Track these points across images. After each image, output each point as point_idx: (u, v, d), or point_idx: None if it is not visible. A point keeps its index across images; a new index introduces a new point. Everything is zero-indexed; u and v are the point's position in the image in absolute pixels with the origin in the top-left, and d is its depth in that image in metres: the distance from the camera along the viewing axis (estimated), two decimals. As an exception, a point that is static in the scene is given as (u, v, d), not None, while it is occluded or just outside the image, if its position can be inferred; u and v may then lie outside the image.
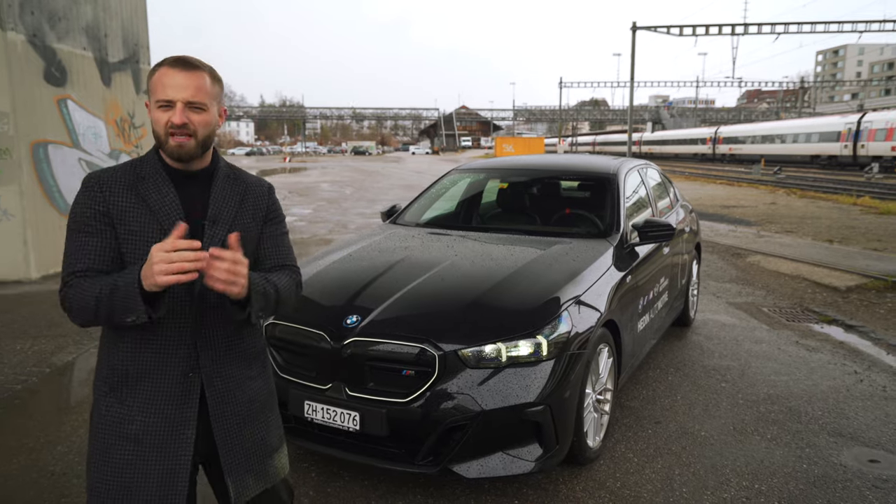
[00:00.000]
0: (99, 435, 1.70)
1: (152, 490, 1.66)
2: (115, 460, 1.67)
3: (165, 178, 1.70)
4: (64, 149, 8.16)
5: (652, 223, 4.02)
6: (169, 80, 1.63)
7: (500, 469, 2.80)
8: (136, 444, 1.66)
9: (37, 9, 7.79)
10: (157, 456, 1.67)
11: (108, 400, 1.69)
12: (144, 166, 1.71)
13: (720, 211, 15.86)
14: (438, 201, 4.87)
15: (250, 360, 1.83)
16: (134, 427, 1.66)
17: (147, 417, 1.66)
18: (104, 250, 1.63)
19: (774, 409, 4.08)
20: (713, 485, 3.17)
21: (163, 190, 1.68)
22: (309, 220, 13.81)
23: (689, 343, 5.40)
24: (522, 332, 2.87)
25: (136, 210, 1.65)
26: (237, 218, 1.77)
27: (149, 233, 1.65)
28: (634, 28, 36.19)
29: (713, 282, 7.74)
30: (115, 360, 1.68)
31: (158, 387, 1.67)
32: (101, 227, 1.64)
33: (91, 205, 1.64)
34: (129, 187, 1.67)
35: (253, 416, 1.81)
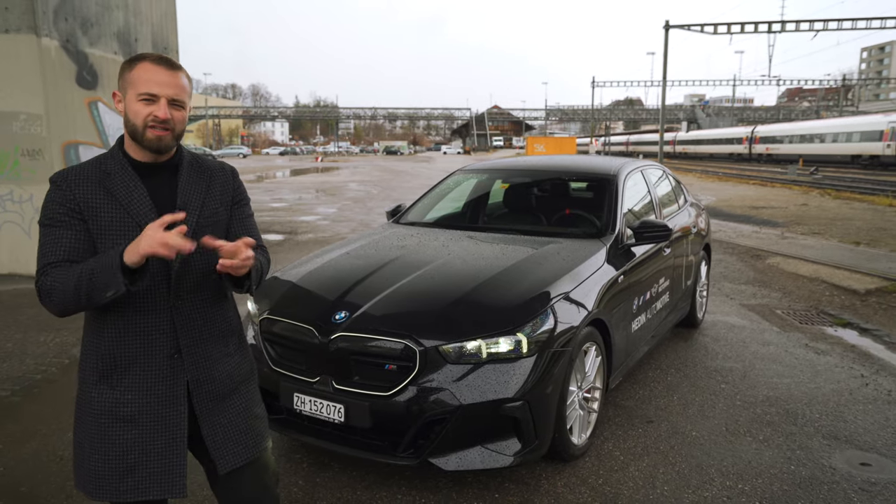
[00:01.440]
0: (91, 421, 1.78)
1: (154, 466, 1.76)
2: (114, 443, 1.75)
3: (131, 173, 1.76)
4: (94, 149, 8.46)
5: (648, 224, 4.05)
6: (154, 76, 1.70)
7: (479, 462, 2.88)
8: (132, 425, 1.75)
9: (70, 15, 8.11)
10: (155, 434, 1.76)
11: (100, 387, 1.77)
12: (109, 162, 1.77)
13: (748, 212, 15.61)
14: (442, 201, 4.96)
15: (227, 337, 1.93)
16: (129, 409, 1.75)
17: (141, 398, 1.75)
18: (78, 242, 1.70)
19: (771, 411, 4.07)
20: (696, 483, 3.20)
21: (130, 184, 1.75)
22: (332, 220, 14.03)
23: (694, 344, 5.39)
24: (503, 329, 2.94)
25: (107, 206, 1.72)
26: (205, 204, 1.85)
27: (121, 226, 1.72)
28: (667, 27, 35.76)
29: (728, 283, 7.67)
30: (102, 349, 1.77)
31: (147, 370, 1.76)
32: (73, 222, 1.70)
33: (62, 202, 1.71)
34: (97, 183, 1.73)
35: (233, 390, 1.91)
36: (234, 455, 1.89)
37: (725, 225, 12.95)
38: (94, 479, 1.78)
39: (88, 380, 1.80)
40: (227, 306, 1.95)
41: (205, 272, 1.83)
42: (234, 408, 1.91)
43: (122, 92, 1.75)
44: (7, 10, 7.53)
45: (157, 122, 1.71)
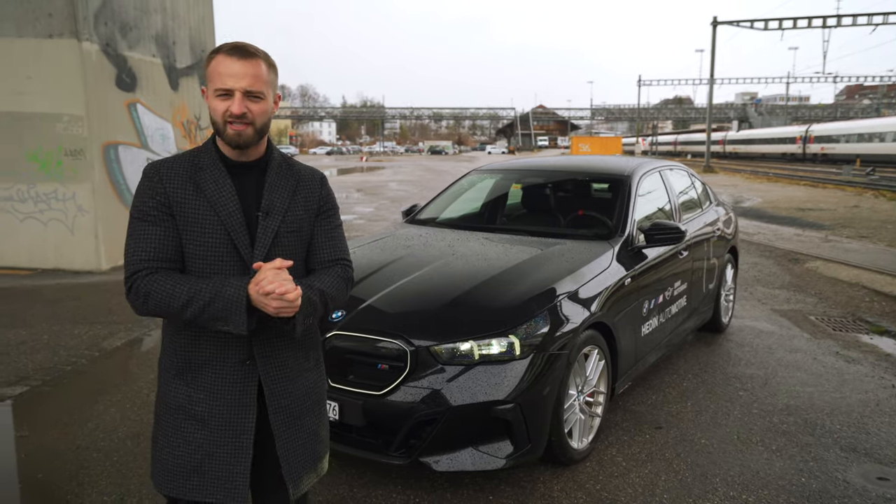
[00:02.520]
0: (169, 416, 1.76)
1: (219, 470, 1.73)
2: (185, 440, 1.74)
3: (222, 169, 1.73)
4: (133, 149, 8.76)
5: (659, 226, 3.97)
6: (226, 69, 1.63)
7: (470, 464, 2.87)
8: (202, 425, 1.73)
9: (110, 20, 8.41)
10: (223, 438, 1.73)
11: (176, 383, 1.75)
12: (202, 156, 1.74)
13: (793, 214, 15.11)
14: (456, 201, 4.95)
15: (307, 351, 1.86)
16: (200, 408, 1.73)
17: (211, 401, 1.72)
18: (166, 239, 1.67)
19: (789, 420, 3.94)
20: (698, 493, 3.11)
21: (220, 180, 1.71)
22: (368, 219, 14.17)
23: (716, 349, 5.25)
24: (495, 330, 2.93)
25: (194, 200, 1.69)
26: (290, 209, 1.79)
27: (206, 222, 1.68)
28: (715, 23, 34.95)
29: (762, 287, 7.44)
30: (178, 347, 1.75)
31: (219, 373, 1.73)
32: (163, 217, 1.67)
33: (152, 195, 1.68)
34: (188, 177, 1.70)
35: (309, 409, 1.84)
36: (305, 480, 1.85)
37: (766, 227, 12.56)
38: (164, 473, 1.77)
39: (166, 375, 1.78)
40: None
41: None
42: (308, 428, 1.85)
43: (207, 88, 1.72)
44: (51, 16, 7.85)
45: (234, 118, 1.65)
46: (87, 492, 3.13)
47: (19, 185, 8.23)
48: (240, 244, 1.71)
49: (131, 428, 3.79)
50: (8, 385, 4.45)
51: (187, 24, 10.04)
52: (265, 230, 1.73)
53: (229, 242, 1.70)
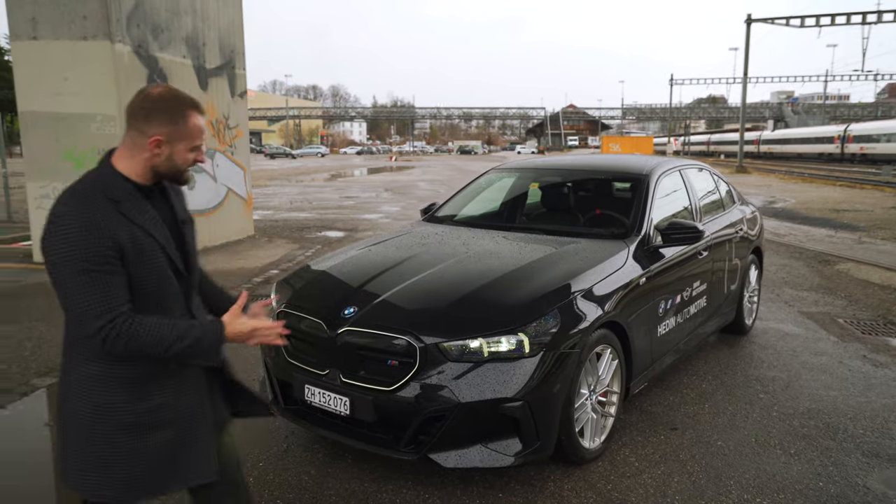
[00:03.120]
0: (137, 431, 1.78)
1: (197, 451, 1.90)
2: (155, 446, 1.81)
3: (140, 198, 1.78)
4: (163, 149, 8.94)
5: (676, 225, 3.92)
6: (202, 126, 1.81)
7: (478, 461, 2.88)
8: (169, 427, 1.83)
9: (142, 22, 8.60)
10: (199, 422, 1.91)
11: (150, 401, 1.80)
12: (114, 190, 1.73)
13: (827, 215, 14.77)
14: (474, 200, 4.96)
15: None
16: (169, 413, 1.82)
17: (181, 396, 1.85)
18: (126, 284, 1.70)
19: (810, 424, 3.86)
20: (710, 495, 3.08)
21: (144, 208, 1.77)
22: (394, 218, 14.25)
23: (738, 351, 5.17)
24: (504, 328, 2.93)
25: (134, 233, 1.72)
26: (187, 211, 1.99)
27: (150, 249, 1.75)
28: (749, 21, 34.33)
29: (789, 289, 7.29)
30: (134, 371, 1.77)
31: (185, 370, 1.87)
32: (117, 261, 1.68)
33: (102, 239, 1.66)
34: (116, 212, 1.71)
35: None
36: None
37: (798, 228, 12.30)
38: (141, 480, 1.84)
39: (124, 399, 1.78)
40: None
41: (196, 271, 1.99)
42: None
43: (169, 141, 1.76)
44: (85, 18, 8.07)
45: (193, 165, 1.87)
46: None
47: (55, 183, 8.46)
48: (175, 259, 1.83)
49: (152, 419, 3.87)
50: (38, 376, 4.59)
51: (217, 25, 10.22)
52: (191, 238, 1.91)
53: (168, 261, 1.81)
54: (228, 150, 10.54)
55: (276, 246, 10.18)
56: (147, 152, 1.76)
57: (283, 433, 3.69)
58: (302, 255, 9.25)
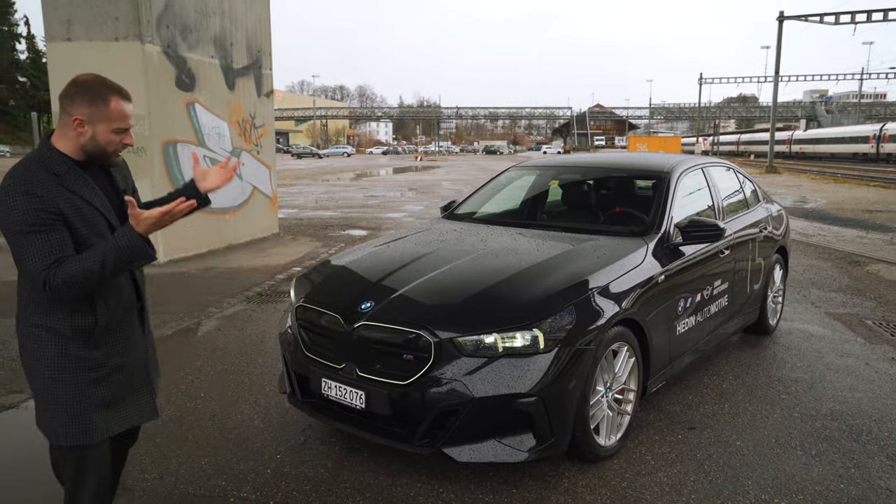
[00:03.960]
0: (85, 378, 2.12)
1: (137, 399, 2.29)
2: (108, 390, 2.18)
3: (79, 171, 2.08)
4: (190, 147, 9.10)
5: (696, 223, 3.89)
6: (125, 110, 2.07)
7: (491, 456, 2.89)
8: (121, 370, 2.21)
9: (171, 23, 8.77)
10: (136, 371, 2.28)
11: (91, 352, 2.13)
12: (53, 165, 2.03)
13: (859, 215, 14.45)
14: (494, 197, 4.97)
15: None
16: (117, 359, 2.19)
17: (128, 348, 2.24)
18: (66, 241, 1.99)
19: (833, 426, 3.80)
20: (727, 494, 3.05)
21: (83, 180, 2.08)
22: (417, 217, 14.31)
23: (761, 352, 5.09)
24: (520, 323, 2.94)
25: (74, 202, 2.02)
26: (129, 184, 2.33)
27: (89, 214, 2.05)
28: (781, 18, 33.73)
29: (816, 290, 7.16)
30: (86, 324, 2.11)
31: (129, 326, 2.26)
32: (57, 224, 1.98)
33: (42, 208, 1.95)
34: (58, 185, 2.01)
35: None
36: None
37: (827, 229, 12.06)
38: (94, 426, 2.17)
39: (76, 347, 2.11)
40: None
41: None
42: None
43: (91, 121, 2.03)
44: (117, 19, 8.25)
45: (123, 147, 2.13)
46: (130, 470, 3.28)
47: (86, 181, 8.67)
48: (113, 221, 2.13)
49: (175, 412, 3.96)
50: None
51: (244, 25, 10.36)
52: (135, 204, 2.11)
53: (107, 225, 2.10)
54: (254, 150, 10.68)
55: (299, 244, 10.29)
56: (72, 131, 2.04)
57: (301, 426, 3.74)
58: (325, 253, 9.34)
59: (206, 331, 5.67)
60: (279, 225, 11.72)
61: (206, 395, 4.22)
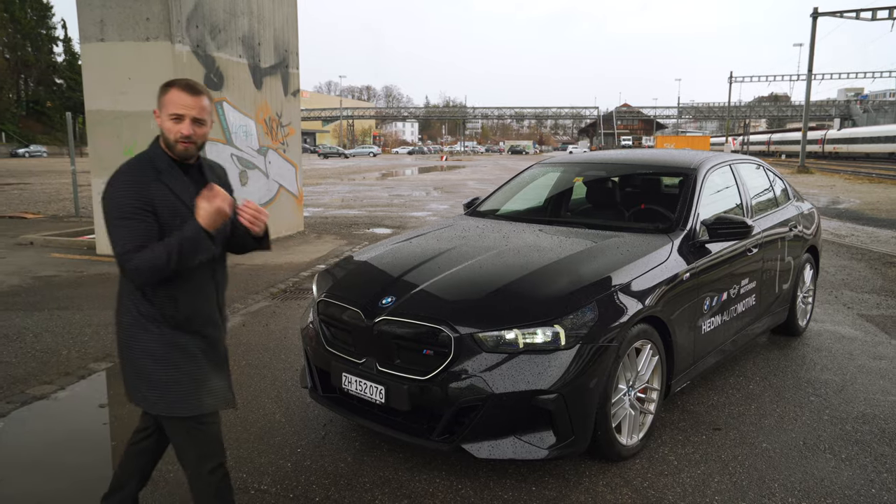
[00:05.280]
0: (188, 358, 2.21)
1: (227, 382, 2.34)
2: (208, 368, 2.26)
3: (178, 169, 2.20)
4: (218, 145, 9.22)
5: (723, 220, 3.82)
6: (180, 100, 2.12)
7: (511, 452, 2.87)
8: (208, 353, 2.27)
9: (201, 23, 8.89)
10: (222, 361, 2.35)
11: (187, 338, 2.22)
12: (157, 161, 2.18)
13: (895, 216, 14.07)
14: (517, 194, 4.94)
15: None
16: (201, 345, 2.25)
17: (209, 342, 2.28)
18: (150, 231, 2.09)
19: (864, 429, 3.70)
20: (752, 496, 2.98)
21: (180, 178, 2.19)
22: (441, 216, 14.31)
23: (790, 353, 4.98)
24: (541, 319, 2.91)
25: (167, 196, 2.14)
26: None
27: (178, 209, 2.14)
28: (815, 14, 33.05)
29: (849, 291, 6.99)
30: (175, 317, 2.20)
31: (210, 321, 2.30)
32: (146, 214, 2.09)
33: (136, 197, 2.09)
34: (156, 179, 2.14)
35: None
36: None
37: (861, 229, 11.77)
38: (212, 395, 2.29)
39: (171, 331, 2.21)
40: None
41: (223, 244, 2.34)
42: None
43: (159, 112, 2.16)
44: (148, 20, 8.39)
45: (183, 138, 2.14)
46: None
47: (116, 179, 8.83)
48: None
49: (199, 404, 3.99)
50: (95, 360, 4.80)
51: (272, 25, 10.47)
52: None
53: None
54: (280, 148, 10.78)
55: (324, 242, 10.36)
56: (159, 127, 2.17)
57: (322, 421, 3.75)
58: (349, 251, 9.38)
59: (231, 326, 5.73)
60: (304, 223, 11.81)
61: (229, 388, 4.26)
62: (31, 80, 71.11)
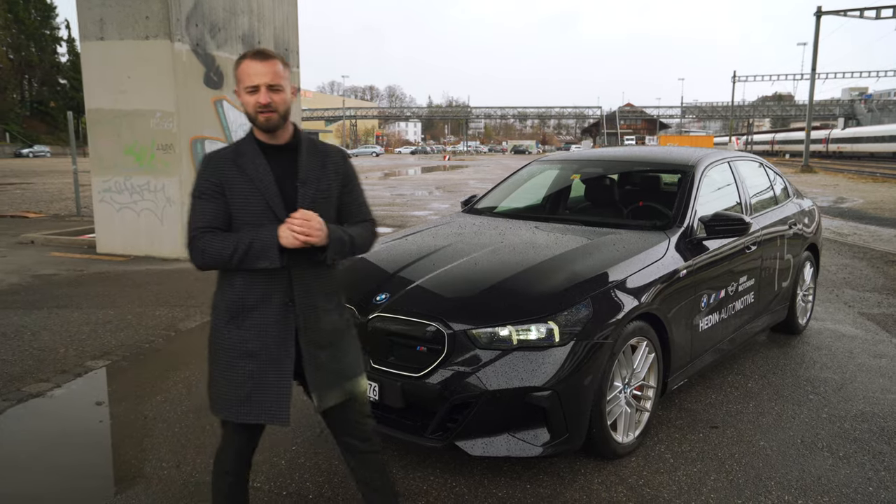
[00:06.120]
0: (222, 356, 2.14)
1: (266, 397, 2.11)
2: (237, 373, 2.11)
3: (258, 152, 2.11)
4: (218, 144, 9.21)
5: (720, 217, 3.80)
6: (252, 70, 2.04)
7: (505, 450, 2.85)
8: (252, 359, 2.10)
9: (200, 22, 8.89)
10: (269, 367, 2.11)
11: (229, 328, 2.12)
12: (244, 145, 2.13)
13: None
14: (515, 192, 4.93)
15: (330, 296, 2.22)
16: (251, 346, 2.10)
17: (261, 338, 2.10)
18: (218, 212, 2.07)
19: (862, 427, 3.67)
20: (748, 494, 2.96)
21: (256, 161, 2.10)
22: (442, 214, 14.27)
23: (789, 351, 4.96)
24: (535, 316, 2.89)
25: (239, 179, 2.08)
26: (321, 179, 2.16)
27: (249, 194, 2.07)
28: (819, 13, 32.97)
29: (850, 290, 6.95)
30: (231, 297, 2.12)
31: (265, 315, 2.10)
32: (215, 195, 2.07)
33: (208, 178, 2.09)
34: (232, 162, 2.09)
35: (332, 342, 2.20)
36: (330, 395, 2.20)
37: (864, 228, 11.73)
38: (220, 402, 2.15)
39: (220, 321, 2.15)
40: (331, 271, 2.25)
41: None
42: (332, 356, 2.20)
43: (238, 88, 2.11)
44: (147, 18, 8.39)
45: (262, 108, 2.04)
46: (149, 458, 3.33)
47: (117, 178, 8.85)
48: (276, 209, 2.07)
49: (195, 402, 3.99)
50: (93, 358, 4.80)
51: (272, 23, 10.46)
52: (304, 197, 2.10)
53: (269, 209, 2.07)
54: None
55: (325, 240, 10.33)
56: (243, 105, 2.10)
57: (317, 419, 3.73)
58: (350, 250, 9.36)
59: (229, 324, 5.72)
60: (305, 222, 11.78)
61: (225, 386, 4.25)
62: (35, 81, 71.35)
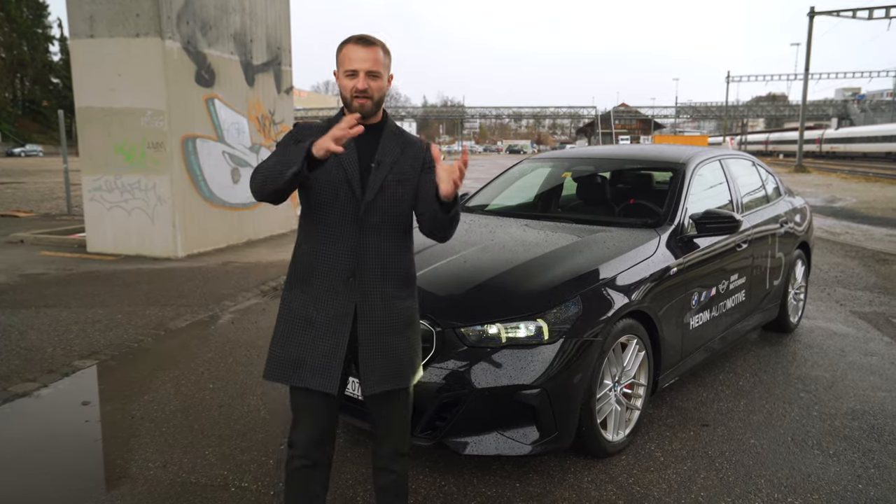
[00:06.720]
0: (285, 317, 2.18)
1: (318, 363, 2.10)
2: (294, 338, 2.13)
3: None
4: (210, 142, 9.18)
5: (711, 215, 3.78)
6: (353, 55, 2.06)
7: (493, 448, 2.83)
8: (310, 325, 2.12)
9: (191, 19, 8.84)
10: (325, 335, 2.11)
11: (294, 291, 2.17)
12: (334, 121, 2.11)
13: (890, 214, 14.09)
14: (506, 190, 4.91)
15: (403, 283, 2.20)
16: (310, 311, 2.12)
17: (320, 305, 2.12)
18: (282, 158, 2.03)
19: (853, 424, 3.67)
20: (738, 492, 2.95)
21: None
22: (436, 214, 14.26)
23: (781, 349, 4.95)
24: (523, 313, 2.87)
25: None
26: (398, 163, 2.17)
27: (330, 165, 2.07)
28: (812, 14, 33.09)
29: (842, 288, 6.96)
30: (300, 262, 2.18)
31: (327, 285, 2.12)
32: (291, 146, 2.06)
33: (294, 134, 2.14)
34: (321, 131, 2.01)
35: (396, 330, 2.16)
36: (376, 384, 2.16)
37: (856, 227, 11.76)
38: (274, 364, 2.18)
39: (289, 285, 2.21)
40: (405, 254, 2.22)
41: (384, 215, 2.14)
42: (392, 344, 2.16)
43: (337, 72, 2.13)
44: (138, 16, 8.33)
45: (358, 93, 2.07)
46: (135, 458, 3.29)
47: (107, 176, 8.78)
48: (353, 184, 2.10)
49: (183, 402, 3.96)
50: (80, 358, 4.75)
51: (264, 22, 10.42)
52: (376, 177, 2.13)
53: (346, 183, 2.10)
54: (273, 145, 10.72)
55: (318, 239, 10.30)
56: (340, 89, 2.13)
57: (307, 417, 3.71)
58: (342, 249, 9.33)
59: (220, 323, 5.69)
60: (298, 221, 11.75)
61: (214, 386, 4.22)
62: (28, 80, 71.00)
